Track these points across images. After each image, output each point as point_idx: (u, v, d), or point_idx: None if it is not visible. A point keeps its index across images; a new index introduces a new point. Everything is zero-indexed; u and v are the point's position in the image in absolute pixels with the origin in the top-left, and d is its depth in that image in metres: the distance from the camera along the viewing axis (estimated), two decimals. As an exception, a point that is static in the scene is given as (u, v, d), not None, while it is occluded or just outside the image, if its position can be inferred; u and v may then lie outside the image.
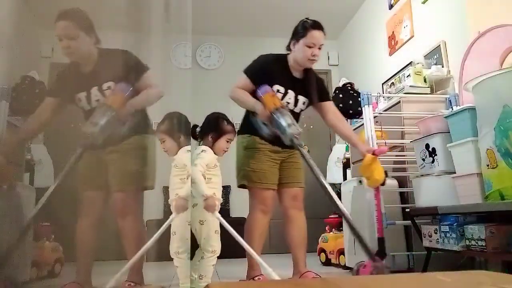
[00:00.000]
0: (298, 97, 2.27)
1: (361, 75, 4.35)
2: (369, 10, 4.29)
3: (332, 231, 3.32)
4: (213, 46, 5.00)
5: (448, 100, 2.67)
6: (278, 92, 2.22)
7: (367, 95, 2.63)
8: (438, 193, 2.16)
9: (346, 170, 3.61)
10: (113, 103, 1.96)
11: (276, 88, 2.22)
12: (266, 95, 2.11)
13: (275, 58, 2.31)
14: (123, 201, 2.11)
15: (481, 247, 1.82)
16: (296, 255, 2.30)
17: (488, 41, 2.27)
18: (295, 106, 2.28)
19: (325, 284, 0.75)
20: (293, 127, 1.99)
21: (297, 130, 2.00)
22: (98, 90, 2.08)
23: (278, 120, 2.02)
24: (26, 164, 3.02)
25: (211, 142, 2.05)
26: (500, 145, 1.70)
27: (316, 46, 2.22)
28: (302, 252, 2.30)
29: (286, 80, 2.25)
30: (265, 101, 2.09)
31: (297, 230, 2.30)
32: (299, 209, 2.33)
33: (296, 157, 2.32)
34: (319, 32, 2.24)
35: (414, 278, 0.95)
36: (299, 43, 2.23)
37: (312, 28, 2.23)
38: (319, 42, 2.22)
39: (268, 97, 2.10)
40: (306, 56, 2.21)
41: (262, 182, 2.25)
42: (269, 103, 2.07)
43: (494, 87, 1.78)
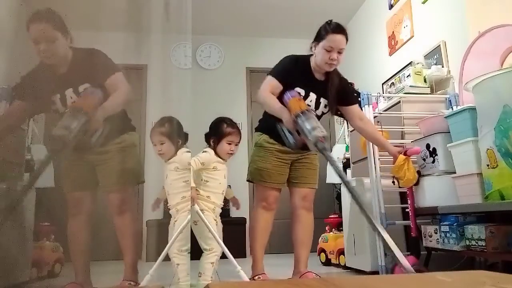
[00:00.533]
0: (320, 99, 2.23)
1: (361, 75, 4.35)
2: (369, 10, 4.29)
3: (332, 231, 3.32)
4: (213, 46, 5.00)
5: (448, 100, 2.67)
6: (299, 94, 2.16)
7: (367, 95, 2.63)
8: (438, 193, 2.17)
9: (346, 170, 3.60)
10: (84, 106, 1.85)
11: (297, 91, 2.16)
12: (293, 100, 2.03)
13: (297, 59, 2.27)
14: (120, 199, 2.12)
15: (481, 247, 1.82)
16: (298, 254, 2.31)
17: (488, 41, 2.27)
18: (316, 109, 2.23)
19: (325, 284, 0.74)
20: (318, 129, 1.87)
21: (322, 132, 1.87)
22: (73, 92, 2.01)
23: (303, 123, 1.92)
24: (26, 164, 3.01)
25: (214, 146, 2.09)
26: (500, 145, 1.70)
27: (335, 50, 2.15)
28: (304, 252, 2.31)
29: (308, 82, 2.22)
30: (291, 106, 2.01)
31: (303, 230, 2.32)
32: (307, 209, 2.33)
33: (310, 158, 2.32)
34: (340, 36, 2.17)
35: (414, 278, 0.95)
36: (319, 46, 2.18)
37: (332, 32, 2.16)
38: (338, 46, 2.16)
39: (294, 102, 2.02)
40: (324, 59, 2.16)
41: (266, 180, 2.27)
42: (293, 108, 1.99)
43: (494, 87, 1.78)
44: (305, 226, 2.32)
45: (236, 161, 2.34)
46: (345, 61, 4.71)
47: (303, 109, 1.94)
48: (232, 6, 4.38)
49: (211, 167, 2.03)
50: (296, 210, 2.34)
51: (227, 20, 4.64)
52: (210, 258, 1.95)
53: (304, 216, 2.32)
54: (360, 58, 4.49)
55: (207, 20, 4.50)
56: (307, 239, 2.32)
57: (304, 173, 2.34)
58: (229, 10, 4.47)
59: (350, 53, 4.83)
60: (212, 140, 2.09)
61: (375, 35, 4.09)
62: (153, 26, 2.60)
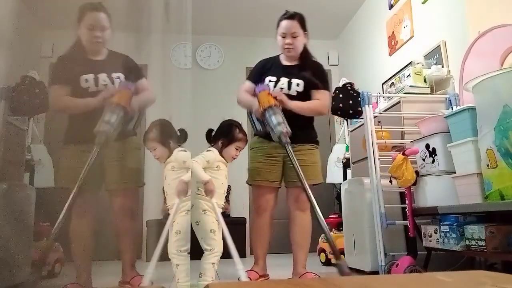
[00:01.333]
0: (292, 80, 2.36)
1: (361, 75, 4.35)
2: (369, 10, 4.29)
3: (332, 231, 3.32)
4: (213, 46, 5.00)
5: (448, 100, 2.67)
6: (270, 82, 2.34)
7: (367, 95, 2.63)
8: (438, 193, 2.17)
9: (346, 170, 3.61)
10: (120, 100, 2.04)
11: (268, 79, 2.35)
12: (262, 93, 2.21)
13: (267, 59, 2.49)
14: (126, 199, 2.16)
15: (481, 247, 1.82)
16: (295, 255, 2.32)
17: (488, 41, 2.27)
18: (289, 89, 2.35)
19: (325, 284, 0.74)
20: (282, 125, 2.07)
21: (286, 129, 2.06)
22: (107, 76, 2.18)
23: (270, 117, 2.11)
24: (26, 164, 3.01)
25: (221, 148, 2.10)
26: (500, 145, 1.70)
27: (288, 35, 2.34)
28: (302, 253, 2.32)
29: (277, 70, 2.39)
30: (260, 98, 2.19)
31: (298, 232, 2.33)
32: (301, 210, 2.33)
33: (300, 154, 2.30)
34: (288, 21, 2.35)
35: (414, 278, 0.95)
36: (277, 36, 2.40)
37: (282, 19, 2.38)
38: (289, 31, 2.34)
39: (264, 95, 2.20)
40: (281, 46, 2.37)
41: (256, 179, 2.33)
42: (264, 100, 2.17)
43: (494, 87, 1.78)
44: (300, 228, 2.33)
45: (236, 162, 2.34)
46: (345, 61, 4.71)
47: (271, 104, 2.13)
48: (232, 6, 4.38)
49: (215, 166, 2.04)
50: (291, 211, 2.37)
51: (227, 20, 4.64)
52: (211, 259, 1.94)
53: (299, 218, 2.33)
54: (360, 58, 4.49)
55: (207, 20, 4.49)
56: (303, 241, 2.33)
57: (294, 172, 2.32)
58: (229, 10, 4.47)
59: (350, 53, 4.85)
60: (221, 142, 2.11)
61: (375, 35, 4.09)
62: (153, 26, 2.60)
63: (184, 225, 1.93)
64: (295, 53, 2.40)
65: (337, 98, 3.69)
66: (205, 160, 1.99)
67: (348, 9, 4.48)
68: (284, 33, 2.35)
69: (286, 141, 2.05)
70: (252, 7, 4.36)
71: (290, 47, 2.35)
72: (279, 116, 2.10)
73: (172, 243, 1.92)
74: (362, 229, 2.61)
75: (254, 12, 4.46)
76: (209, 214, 1.97)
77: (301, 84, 2.35)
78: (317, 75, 2.41)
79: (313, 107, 2.34)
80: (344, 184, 3.03)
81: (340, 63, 5.09)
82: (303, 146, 2.33)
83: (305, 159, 2.31)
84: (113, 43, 2.31)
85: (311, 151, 2.38)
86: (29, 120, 3.43)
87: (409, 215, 2.25)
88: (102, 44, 2.23)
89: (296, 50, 2.38)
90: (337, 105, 3.67)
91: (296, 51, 2.39)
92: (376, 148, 2.52)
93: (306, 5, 4.37)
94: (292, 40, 2.34)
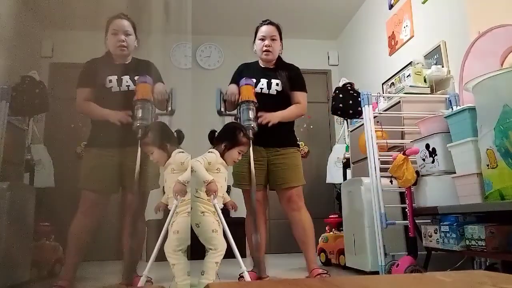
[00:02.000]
0: (271, 81, 2.48)
1: (361, 75, 4.35)
2: (369, 10, 4.29)
3: (332, 231, 3.32)
4: (213, 46, 4.99)
5: (448, 100, 2.67)
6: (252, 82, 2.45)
7: (367, 95, 2.63)
8: (438, 193, 2.16)
9: (346, 170, 3.61)
10: (142, 94, 2.19)
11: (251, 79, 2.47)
12: (247, 87, 2.37)
13: (246, 63, 2.64)
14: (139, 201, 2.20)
15: (481, 247, 1.82)
16: (304, 254, 2.41)
17: (488, 41, 2.27)
18: (269, 89, 2.47)
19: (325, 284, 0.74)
20: (252, 122, 2.27)
21: (253, 127, 2.27)
22: (129, 78, 2.32)
23: (244, 111, 2.31)
24: (26, 164, 3.02)
25: (223, 150, 2.10)
26: (500, 145, 1.70)
27: (267, 37, 2.48)
28: (308, 251, 2.39)
29: (257, 72, 2.52)
30: (243, 91, 2.36)
31: (299, 230, 2.40)
32: (296, 209, 2.40)
33: (284, 157, 2.42)
34: (267, 26, 2.52)
35: (414, 278, 0.95)
36: (256, 40, 2.55)
37: (261, 25, 2.54)
38: (269, 34, 2.49)
39: (247, 89, 2.36)
40: (260, 48, 2.50)
41: (240, 183, 2.41)
42: (245, 93, 2.34)
43: (494, 87, 1.78)
44: (300, 226, 2.39)
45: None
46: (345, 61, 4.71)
47: (249, 99, 2.31)
48: (232, 6, 4.38)
49: (215, 168, 2.04)
50: (286, 213, 2.45)
51: (227, 20, 4.64)
52: (215, 258, 1.93)
53: (295, 217, 2.40)
54: (360, 58, 4.49)
55: (207, 20, 4.49)
56: (306, 238, 2.38)
57: (281, 174, 2.42)
58: (229, 10, 4.47)
59: (350, 53, 4.85)
60: (225, 145, 2.10)
61: (375, 35, 4.09)
62: (153, 26, 2.61)
63: (183, 225, 1.93)
64: (273, 56, 2.52)
65: (337, 98, 3.69)
66: (207, 162, 1.99)
67: (348, 9, 4.48)
68: (263, 36, 2.50)
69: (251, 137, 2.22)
70: (252, 7, 4.36)
71: (269, 49, 2.48)
72: (252, 113, 2.30)
73: (169, 242, 1.92)
74: (362, 229, 2.61)
75: (254, 12, 4.45)
76: (208, 215, 1.96)
77: (280, 84, 2.47)
78: (295, 77, 2.53)
79: (296, 112, 2.49)
80: (344, 184, 3.03)
81: (340, 63, 5.09)
82: (286, 150, 2.45)
83: (289, 162, 2.43)
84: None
85: (294, 154, 2.48)
86: (29, 120, 3.43)
87: (409, 215, 2.25)
88: (127, 49, 2.36)
89: (273, 53, 2.51)
90: (337, 105, 3.67)
91: (273, 54, 2.52)
92: (376, 148, 2.52)
93: (306, 5, 4.39)
94: (270, 42, 2.48)
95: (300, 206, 2.41)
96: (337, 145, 4.11)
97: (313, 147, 4.78)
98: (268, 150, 2.43)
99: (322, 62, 5.08)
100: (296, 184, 2.42)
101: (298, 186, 2.42)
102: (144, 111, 2.17)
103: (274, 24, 2.54)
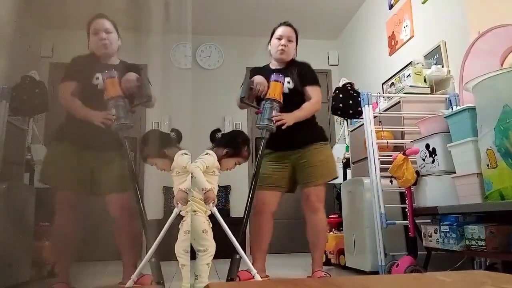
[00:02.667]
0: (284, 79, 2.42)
1: (361, 75, 4.35)
2: (369, 10, 4.29)
3: (332, 231, 3.32)
4: (213, 46, 4.99)
5: (448, 100, 2.67)
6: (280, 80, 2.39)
7: (367, 95, 2.63)
8: (438, 193, 2.16)
9: (346, 170, 3.60)
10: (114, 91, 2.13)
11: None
12: (276, 83, 2.33)
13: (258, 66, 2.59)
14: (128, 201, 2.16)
15: (481, 247, 1.82)
16: (311, 255, 2.41)
17: (488, 41, 2.26)
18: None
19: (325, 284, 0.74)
20: (271, 122, 2.25)
21: (271, 126, 2.25)
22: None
23: (267, 108, 2.27)
24: (26, 164, 3.02)
25: (222, 156, 2.09)
26: (500, 145, 1.70)
27: (284, 38, 2.47)
28: (316, 253, 2.40)
29: (268, 74, 2.42)
30: (272, 86, 2.32)
31: (310, 232, 2.40)
32: (311, 211, 2.39)
33: (307, 156, 2.38)
34: (286, 27, 2.51)
35: (414, 278, 0.95)
36: (272, 40, 2.53)
37: (279, 26, 2.53)
38: (286, 34, 2.48)
39: (276, 86, 2.33)
40: (275, 47, 2.48)
41: (261, 184, 2.35)
42: (273, 90, 2.31)
43: (494, 87, 1.78)
44: (312, 228, 2.39)
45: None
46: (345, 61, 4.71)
47: (274, 98, 2.29)
48: (232, 6, 4.38)
49: (211, 171, 2.03)
50: (304, 213, 2.43)
51: (227, 20, 4.64)
52: (206, 259, 1.93)
53: (310, 219, 2.39)
54: (360, 58, 4.49)
55: (207, 20, 4.49)
56: (316, 240, 2.39)
57: (303, 173, 2.39)
58: (229, 10, 4.47)
59: (350, 53, 4.85)
60: (226, 151, 2.11)
61: (375, 35, 4.09)
62: (153, 26, 2.61)
63: (193, 225, 1.94)
64: (287, 56, 2.48)
65: (337, 98, 3.69)
66: (205, 166, 1.98)
67: (348, 9, 4.48)
68: (281, 36, 2.47)
69: (265, 136, 2.23)
70: (252, 7, 4.36)
71: (285, 48, 2.46)
72: (273, 111, 2.27)
73: (179, 242, 1.93)
74: (362, 229, 2.61)
75: (254, 12, 4.46)
76: (200, 215, 1.96)
77: (291, 81, 2.43)
78: (306, 72, 2.49)
79: (311, 109, 2.41)
80: (344, 184, 3.03)
81: (340, 63, 5.09)
82: (309, 146, 2.40)
83: (315, 159, 2.38)
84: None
85: (320, 149, 2.42)
86: (29, 120, 3.43)
87: (409, 215, 2.25)
88: (110, 47, 2.29)
89: (288, 53, 2.48)
90: (337, 105, 3.67)
91: (288, 55, 2.49)
92: (376, 148, 2.52)
93: (306, 5, 4.39)
94: (287, 42, 2.46)
95: (317, 208, 2.37)
96: (337, 145, 4.11)
97: (313, 147, 4.78)
98: (293, 152, 2.40)
99: (322, 62, 5.08)
100: (317, 183, 2.36)
101: (317, 185, 2.36)
102: (118, 109, 2.11)
103: (292, 26, 2.52)
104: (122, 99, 2.14)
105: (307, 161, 2.37)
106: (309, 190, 2.37)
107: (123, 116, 2.10)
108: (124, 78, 2.19)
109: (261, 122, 2.27)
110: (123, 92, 2.16)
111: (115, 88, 2.15)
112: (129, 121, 2.12)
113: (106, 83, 2.16)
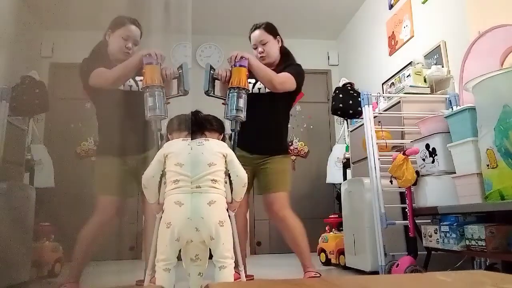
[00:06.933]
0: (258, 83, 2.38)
1: (361, 75, 4.35)
2: (369, 10, 4.29)
3: (332, 231, 3.32)
4: (213, 46, 4.99)
5: (448, 100, 2.67)
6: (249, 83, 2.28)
7: (367, 95, 2.63)
8: (438, 193, 2.16)
9: (346, 170, 3.61)
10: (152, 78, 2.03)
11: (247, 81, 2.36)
12: (240, 68, 2.17)
13: None
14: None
15: (481, 247, 1.82)
16: (297, 256, 2.34)
17: (488, 41, 2.27)
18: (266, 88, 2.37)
19: (325, 284, 0.74)
20: (240, 112, 2.10)
21: (241, 117, 2.11)
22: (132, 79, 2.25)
23: (233, 98, 2.12)
24: (26, 164, 3.02)
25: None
26: (500, 145, 1.70)
27: (258, 44, 2.43)
28: (299, 253, 2.31)
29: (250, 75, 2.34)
30: (235, 73, 2.17)
31: (286, 234, 2.32)
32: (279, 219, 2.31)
33: (269, 163, 2.34)
34: (255, 32, 2.46)
35: (415, 278, 0.95)
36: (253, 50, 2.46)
37: (250, 33, 2.49)
38: (257, 39, 2.43)
39: (240, 71, 2.16)
40: (257, 57, 2.40)
41: None
42: (237, 77, 2.15)
43: (494, 87, 1.78)
44: (286, 232, 2.31)
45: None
46: (345, 61, 4.70)
47: (239, 85, 2.12)
48: (232, 6, 4.38)
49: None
50: (271, 220, 2.39)
51: (227, 20, 4.64)
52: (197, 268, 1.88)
53: (282, 227, 2.32)
54: (360, 58, 4.49)
55: (207, 20, 4.49)
56: (296, 246, 2.31)
57: (264, 180, 2.35)
58: (229, 10, 4.47)
59: (350, 53, 4.85)
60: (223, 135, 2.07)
61: (375, 35, 4.09)
62: (153, 26, 2.60)
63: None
64: (269, 59, 2.43)
65: (337, 98, 3.70)
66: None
67: (348, 9, 4.48)
68: (255, 44, 2.45)
69: (235, 128, 2.10)
70: (252, 7, 4.36)
71: (263, 54, 2.41)
72: (242, 102, 2.11)
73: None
74: (362, 229, 2.61)
75: (254, 12, 4.46)
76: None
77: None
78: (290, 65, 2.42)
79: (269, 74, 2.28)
80: (344, 184, 3.03)
81: (340, 63, 5.09)
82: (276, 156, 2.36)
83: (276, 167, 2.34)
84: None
85: (282, 159, 2.39)
86: (29, 120, 3.43)
87: (409, 215, 2.25)
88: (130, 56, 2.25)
89: (269, 56, 2.43)
90: (337, 105, 3.68)
91: (269, 57, 2.42)
92: (376, 148, 2.52)
93: (306, 5, 4.39)
94: (262, 47, 2.42)
95: (283, 216, 2.28)
96: (337, 145, 4.11)
97: (313, 147, 4.78)
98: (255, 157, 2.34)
99: (322, 62, 5.08)
100: (278, 190, 2.30)
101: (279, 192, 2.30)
102: (155, 98, 2.00)
103: (259, 27, 2.45)
104: (160, 88, 2.04)
105: (270, 168, 2.32)
106: (272, 197, 2.29)
107: (160, 107, 2.01)
108: (164, 67, 2.13)
109: (230, 114, 2.12)
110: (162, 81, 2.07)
111: (155, 76, 2.04)
112: (163, 113, 2.03)
113: (146, 69, 2.05)
